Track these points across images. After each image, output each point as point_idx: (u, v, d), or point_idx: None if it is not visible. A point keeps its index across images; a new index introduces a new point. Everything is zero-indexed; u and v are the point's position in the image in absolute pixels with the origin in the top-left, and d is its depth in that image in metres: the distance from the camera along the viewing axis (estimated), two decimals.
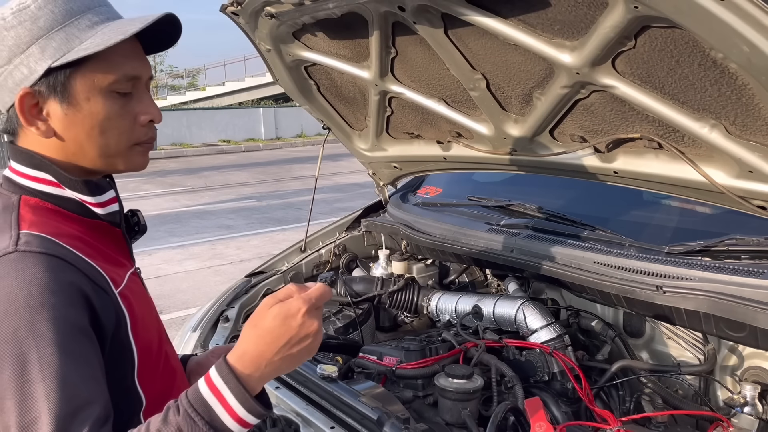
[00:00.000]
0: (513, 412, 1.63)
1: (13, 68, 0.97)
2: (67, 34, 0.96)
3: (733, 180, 1.59)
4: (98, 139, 1.01)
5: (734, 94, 1.38)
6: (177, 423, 0.86)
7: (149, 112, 1.05)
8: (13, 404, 0.84)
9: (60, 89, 0.97)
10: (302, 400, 1.76)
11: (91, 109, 0.99)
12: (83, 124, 1.00)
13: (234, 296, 2.50)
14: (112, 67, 0.99)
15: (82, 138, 1.01)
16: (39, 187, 1.01)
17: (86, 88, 0.98)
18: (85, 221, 1.03)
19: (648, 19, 1.34)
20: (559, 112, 1.82)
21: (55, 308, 0.88)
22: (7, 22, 0.96)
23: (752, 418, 1.67)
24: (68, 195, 1.01)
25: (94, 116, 1.00)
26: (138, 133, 1.05)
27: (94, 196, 1.03)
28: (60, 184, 1.01)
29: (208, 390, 0.88)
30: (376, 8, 1.80)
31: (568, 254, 2.00)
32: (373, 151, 2.67)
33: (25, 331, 0.86)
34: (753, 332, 1.58)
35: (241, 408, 0.88)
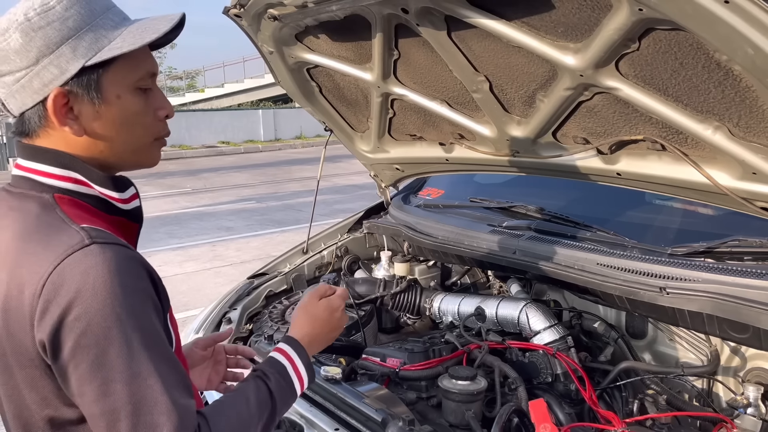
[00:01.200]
0: (517, 414, 1.63)
1: (41, 69, 0.97)
2: (96, 34, 0.98)
3: (736, 182, 1.59)
4: (127, 135, 1.05)
5: (738, 96, 1.39)
6: (268, 387, 1.09)
7: (165, 107, 1.09)
8: (122, 386, 0.89)
9: (93, 87, 1.00)
10: (306, 401, 1.76)
11: (121, 106, 1.02)
12: (114, 120, 1.03)
13: (236, 298, 2.50)
14: (138, 65, 1.03)
15: (113, 134, 1.03)
16: (65, 185, 1.02)
17: (116, 85, 1.01)
18: (107, 217, 1.05)
19: (652, 22, 1.34)
20: (562, 114, 1.82)
21: (144, 292, 0.95)
22: (34, 23, 0.96)
23: (755, 420, 1.68)
24: (93, 192, 1.04)
25: (125, 112, 1.03)
26: (158, 128, 1.10)
27: (120, 191, 1.06)
28: (87, 183, 1.03)
29: (284, 359, 1.17)
30: (380, 10, 1.80)
31: (570, 255, 2.00)
32: (375, 153, 2.67)
33: (126, 316, 0.90)
34: (756, 333, 1.58)
35: (305, 373, 1.18)
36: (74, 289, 0.89)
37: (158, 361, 0.92)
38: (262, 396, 1.07)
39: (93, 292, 0.89)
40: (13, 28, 0.96)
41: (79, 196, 1.03)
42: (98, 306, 0.89)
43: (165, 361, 0.93)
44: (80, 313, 0.89)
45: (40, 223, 0.97)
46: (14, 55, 0.97)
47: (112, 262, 0.92)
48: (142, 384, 0.90)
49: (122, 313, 0.90)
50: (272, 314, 2.43)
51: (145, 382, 0.90)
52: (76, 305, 0.89)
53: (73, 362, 0.90)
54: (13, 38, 0.96)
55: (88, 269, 0.90)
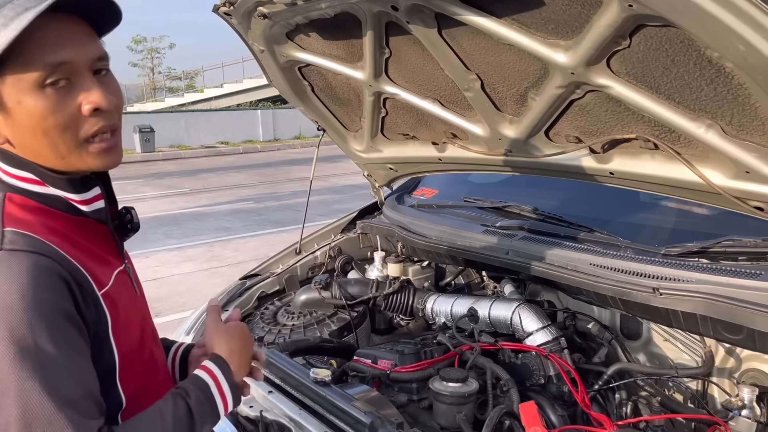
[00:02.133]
0: (508, 416, 1.61)
1: None
2: None
3: (729, 181, 1.57)
4: (43, 141, 0.95)
5: (730, 94, 1.37)
6: (187, 404, 1.01)
7: (90, 100, 0.95)
8: (14, 401, 0.84)
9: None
10: (295, 404, 1.74)
11: (24, 112, 0.93)
12: (23, 127, 0.94)
13: (228, 299, 2.49)
14: (31, 61, 0.91)
15: (29, 141, 0.96)
16: (23, 185, 0.99)
17: (13, 89, 0.92)
18: (71, 218, 1.02)
19: (643, 18, 1.32)
20: (554, 113, 1.80)
21: (49, 303, 0.89)
22: None
23: (750, 421, 1.66)
24: (53, 193, 1.00)
25: (30, 118, 0.93)
26: (85, 127, 0.96)
27: (78, 193, 1.01)
28: (44, 182, 0.99)
29: (208, 376, 1.08)
30: (369, 8, 1.78)
31: (564, 256, 1.98)
32: (368, 153, 2.65)
33: (21, 329, 0.86)
34: (750, 334, 1.56)
35: (230, 393, 1.10)
36: None
37: (57, 377, 0.87)
38: (180, 413, 0.99)
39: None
40: None
41: (39, 196, 1.00)
42: None
43: (66, 377, 0.88)
44: None
45: None
46: None
47: (15, 270, 0.88)
48: (34, 401, 0.85)
49: (18, 326, 0.86)
50: (264, 316, 2.41)
51: (38, 398, 0.85)
52: None
53: None
54: None
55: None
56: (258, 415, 1.76)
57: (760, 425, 1.67)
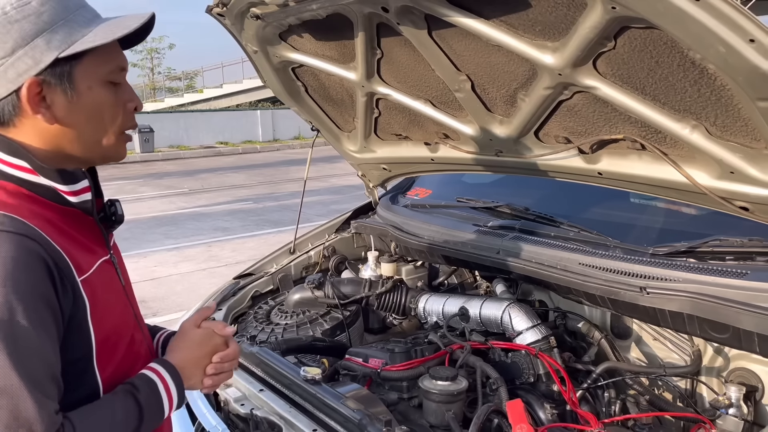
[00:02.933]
0: (496, 414, 1.63)
1: (16, 59, 1.02)
2: (70, 28, 1.03)
3: (715, 181, 1.58)
4: (96, 125, 1.09)
5: (713, 95, 1.38)
6: (137, 399, 1.07)
7: (134, 100, 1.15)
8: None
9: (66, 78, 1.04)
10: (285, 402, 1.76)
11: (92, 97, 1.07)
12: (84, 110, 1.07)
13: (222, 298, 2.50)
14: (108, 59, 1.09)
15: (82, 123, 1.08)
16: (15, 173, 1.06)
17: (87, 77, 1.06)
18: (59, 208, 1.08)
19: (626, 20, 1.33)
20: (543, 113, 1.81)
21: (28, 284, 0.95)
22: (11, 16, 1.01)
23: (737, 420, 1.67)
24: (43, 182, 1.06)
25: (95, 103, 1.08)
26: (126, 120, 1.14)
27: (66, 184, 1.08)
28: (35, 172, 1.06)
29: (154, 375, 1.13)
30: (360, 9, 1.80)
31: (553, 255, 2.00)
32: (362, 153, 2.66)
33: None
34: (736, 333, 1.57)
35: (176, 392, 1.15)
36: None
37: (26, 354, 0.93)
38: (130, 406, 1.06)
39: None
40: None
41: (29, 184, 1.06)
42: None
43: (35, 356, 0.94)
44: None
45: None
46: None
47: (0, 249, 0.94)
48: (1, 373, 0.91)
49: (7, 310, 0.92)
50: (257, 315, 2.42)
51: (5, 371, 0.91)
52: None
53: None
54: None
55: None
56: (249, 413, 1.77)
57: (747, 424, 1.69)
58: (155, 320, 5.06)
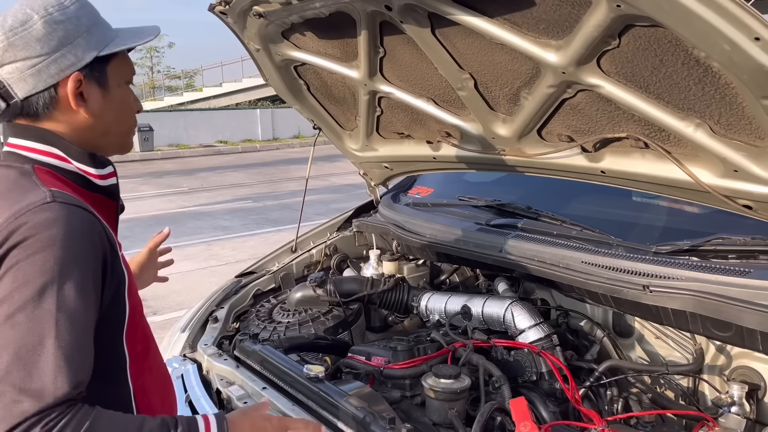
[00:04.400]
0: (499, 412, 1.63)
1: (60, 56, 1.11)
2: (102, 31, 1.17)
3: (718, 179, 1.58)
4: (122, 119, 1.23)
5: (718, 93, 1.38)
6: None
7: (138, 102, 1.28)
8: (25, 319, 0.95)
9: (102, 75, 1.17)
10: (289, 400, 1.76)
11: (120, 94, 1.21)
12: (113, 106, 1.20)
13: (224, 296, 2.50)
14: (128, 62, 1.24)
15: (112, 118, 1.20)
16: (46, 159, 1.14)
17: (116, 76, 1.20)
18: (86, 193, 1.16)
19: (631, 18, 1.34)
20: (546, 112, 1.81)
21: (87, 255, 1.02)
22: (55, 17, 1.11)
23: (739, 418, 1.67)
24: (72, 168, 1.15)
25: (122, 100, 1.21)
26: (135, 119, 1.29)
27: (97, 168, 1.17)
28: (66, 158, 1.15)
29: (202, 421, 1.09)
30: (363, 7, 1.80)
31: (556, 254, 2.00)
32: (363, 151, 2.66)
33: (55, 266, 0.98)
34: (739, 332, 1.58)
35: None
36: (23, 235, 0.98)
37: (66, 325, 0.97)
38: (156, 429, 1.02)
39: (38, 239, 0.98)
40: (35, 19, 1.10)
41: (59, 170, 1.14)
42: (38, 254, 0.97)
43: (72, 328, 0.97)
44: (21, 255, 0.97)
45: (15, 186, 1.08)
46: (35, 43, 1.10)
47: (66, 219, 1.01)
48: (41, 336, 0.94)
49: (55, 270, 0.97)
50: (259, 313, 2.42)
51: (44, 335, 0.95)
52: (21, 246, 0.98)
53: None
54: (36, 28, 1.10)
55: (42, 221, 1.00)
56: None
57: (750, 422, 1.69)
58: (155, 319, 5.05)
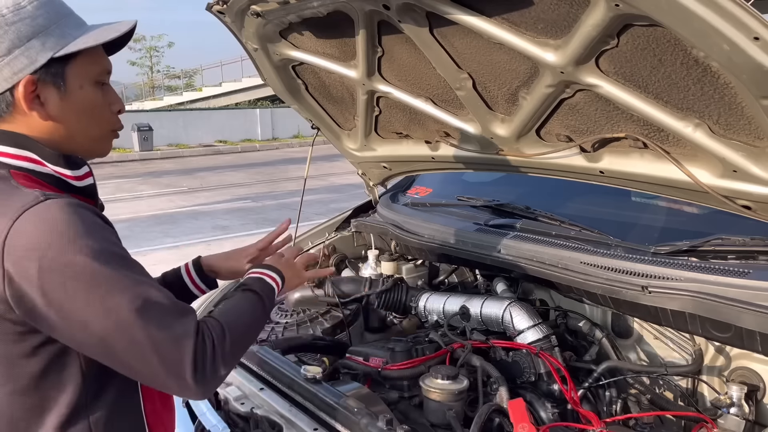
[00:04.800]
0: (497, 413, 1.62)
1: (12, 59, 1.08)
2: (62, 31, 1.11)
3: (717, 179, 1.58)
4: (86, 122, 1.17)
5: (717, 93, 1.38)
6: (253, 290, 1.31)
7: (117, 103, 1.22)
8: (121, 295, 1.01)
9: (59, 77, 1.11)
10: (286, 401, 1.75)
11: (83, 96, 1.14)
12: (75, 109, 1.14)
13: (222, 297, 2.49)
14: (96, 61, 1.17)
15: (73, 121, 1.15)
16: (21, 164, 1.11)
17: (79, 77, 1.13)
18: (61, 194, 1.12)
19: (629, 18, 1.33)
20: (545, 112, 1.81)
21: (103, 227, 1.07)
22: (7, 18, 1.08)
23: (738, 419, 1.66)
24: (48, 171, 1.13)
25: (85, 102, 1.15)
26: (113, 120, 1.22)
27: (72, 169, 1.15)
28: (41, 161, 1.12)
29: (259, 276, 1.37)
30: (361, 7, 1.79)
31: (555, 254, 1.99)
32: (362, 151, 2.66)
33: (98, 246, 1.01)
34: (738, 333, 1.57)
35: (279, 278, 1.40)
36: (36, 241, 0.99)
37: (137, 273, 1.05)
38: (252, 297, 1.28)
39: (57, 237, 0.99)
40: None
41: (35, 174, 1.12)
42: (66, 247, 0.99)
43: (141, 273, 1.07)
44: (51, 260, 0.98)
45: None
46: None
47: (66, 209, 1.02)
48: (136, 289, 1.02)
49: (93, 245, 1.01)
50: None
51: (139, 286, 1.03)
52: (43, 254, 0.98)
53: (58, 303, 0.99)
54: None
55: (45, 219, 1.00)
56: (249, 412, 1.77)
57: (749, 423, 1.68)
58: None
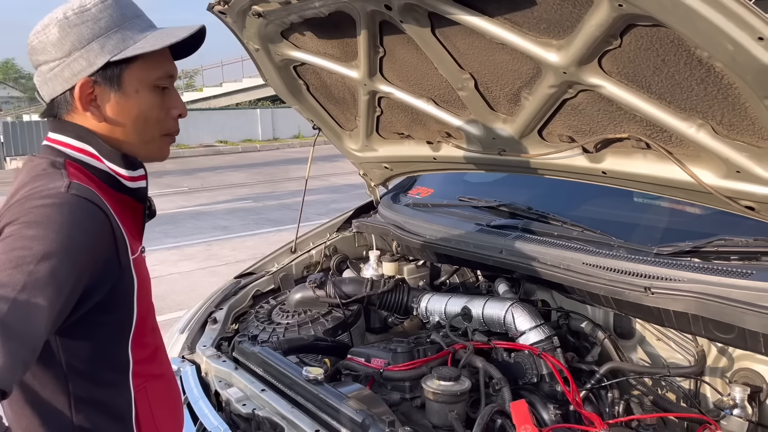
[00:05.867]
0: (499, 415, 1.61)
1: (72, 60, 1.12)
2: (123, 35, 1.13)
3: (720, 180, 1.57)
4: (140, 126, 1.18)
5: (720, 93, 1.37)
6: None
7: (179, 107, 1.23)
8: None
9: (115, 80, 1.14)
10: (287, 402, 1.75)
11: (139, 99, 1.16)
12: (130, 111, 1.16)
13: (223, 297, 2.49)
14: (156, 65, 1.18)
15: (128, 123, 1.17)
16: (79, 156, 1.15)
17: (136, 81, 1.15)
18: (114, 194, 1.17)
19: (633, 18, 1.32)
20: (547, 112, 1.80)
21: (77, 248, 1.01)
22: (71, 20, 1.12)
23: (741, 421, 1.66)
24: (104, 167, 1.16)
25: (140, 105, 1.17)
26: (169, 125, 1.23)
27: (128, 169, 1.18)
28: (98, 157, 1.15)
29: None
30: (363, 7, 1.79)
31: (557, 255, 1.99)
32: (363, 152, 2.65)
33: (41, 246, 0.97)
34: (741, 334, 1.56)
35: None
36: (25, 211, 1.01)
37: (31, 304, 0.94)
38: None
39: (37, 217, 0.99)
40: (53, 24, 1.12)
41: (91, 168, 1.15)
42: (30, 229, 0.98)
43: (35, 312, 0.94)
44: (15, 228, 0.99)
45: (44, 174, 1.10)
46: (51, 47, 1.12)
47: (71, 208, 1.02)
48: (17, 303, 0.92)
49: (40, 250, 0.96)
50: (258, 314, 2.41)
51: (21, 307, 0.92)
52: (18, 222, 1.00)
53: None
54: (52, 33, 1.12)
55: (46, 205, 1.01)
56: (250, 413, 1.76)
57: (752, 425, 1.67)
58: None
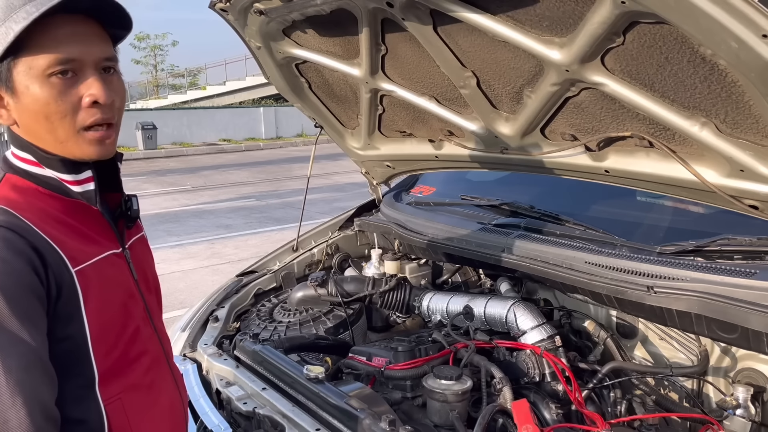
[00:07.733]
0: (501, 414, 1.61)
1: None
2: (6, 29, 0.99)
3: (724, 179, 1.56)
4: (44, 125, 1.04)
5: (724, 92, 1.36)
6: None
7: (91, 93, 1.04)
8: None
9: (6, 80, 1.03)
10: (288, 401, 1.74)
11: (31, 96, 1.02)
12: (28, 111, 1.04)
13: (224, 296, 2.49)
14: (45, 52, 1.01)
15: (33, 124, 1.05)
16: (23, 166, 1.08)
17: (24, 76, 1.02)
18: (63, 200, 1.09)
19: (636, 15, 1.31)
20: (550, 110, 1.79)
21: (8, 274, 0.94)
22: None
23: (744, 421, 1.65)
24: (47, 174, 1.08)
25: (35, 102, 1.03)
26: (83, 116, 1.05)
27: (69, 174, 1.09)
28: (39, 164, 1.08)
29: None
30: (365, 4, 1.78)
31: (559, 254, 1.98)
32: (365, 150, 2.65)
33: None
34: (745, 334, 1.56)
35: None
36: None
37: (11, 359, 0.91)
38: None
39: None
40: None
41: (35, 177, 1.08)
42: None
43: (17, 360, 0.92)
44: None
45: None
46: None
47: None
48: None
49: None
50: (260, 313, 2.41)
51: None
52: None
53: None
54: None
55: None
56: (251, 412, 1.76)
57: (755, 425, 1.67)
58: None
